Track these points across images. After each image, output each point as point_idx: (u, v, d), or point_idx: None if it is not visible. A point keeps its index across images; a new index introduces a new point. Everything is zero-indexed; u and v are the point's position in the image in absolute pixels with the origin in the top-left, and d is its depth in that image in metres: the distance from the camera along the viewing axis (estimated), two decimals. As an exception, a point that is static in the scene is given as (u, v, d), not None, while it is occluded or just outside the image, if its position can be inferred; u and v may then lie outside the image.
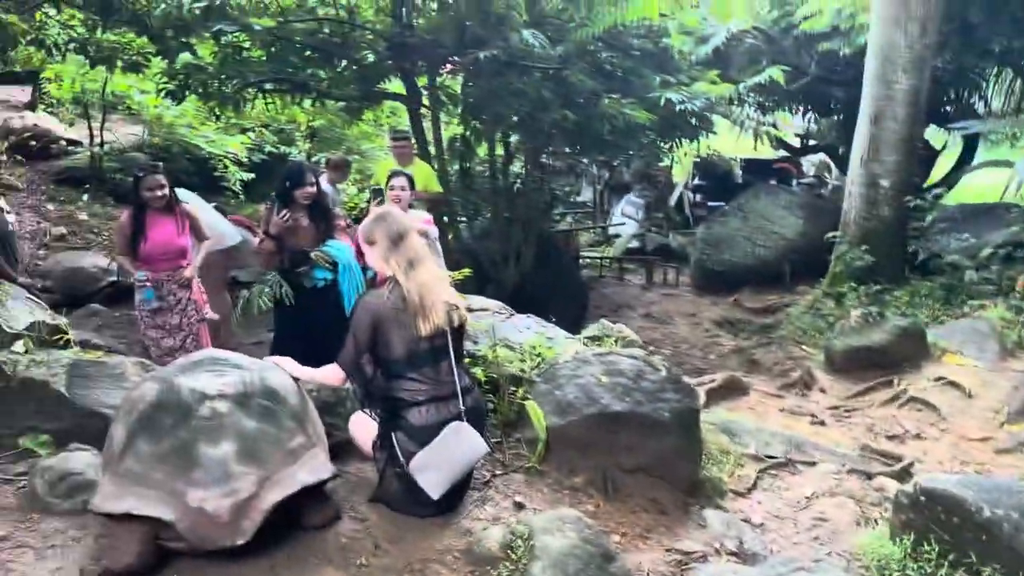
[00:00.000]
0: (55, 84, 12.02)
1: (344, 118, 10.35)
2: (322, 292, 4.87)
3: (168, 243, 4.95)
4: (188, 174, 11.99)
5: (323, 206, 5.16)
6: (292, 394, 3.11)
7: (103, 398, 3.81)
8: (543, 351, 4.07)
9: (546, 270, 9.51)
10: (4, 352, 3.77)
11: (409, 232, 3.23)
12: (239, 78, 8.56)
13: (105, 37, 8.62)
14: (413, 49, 8.45)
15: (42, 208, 10.73)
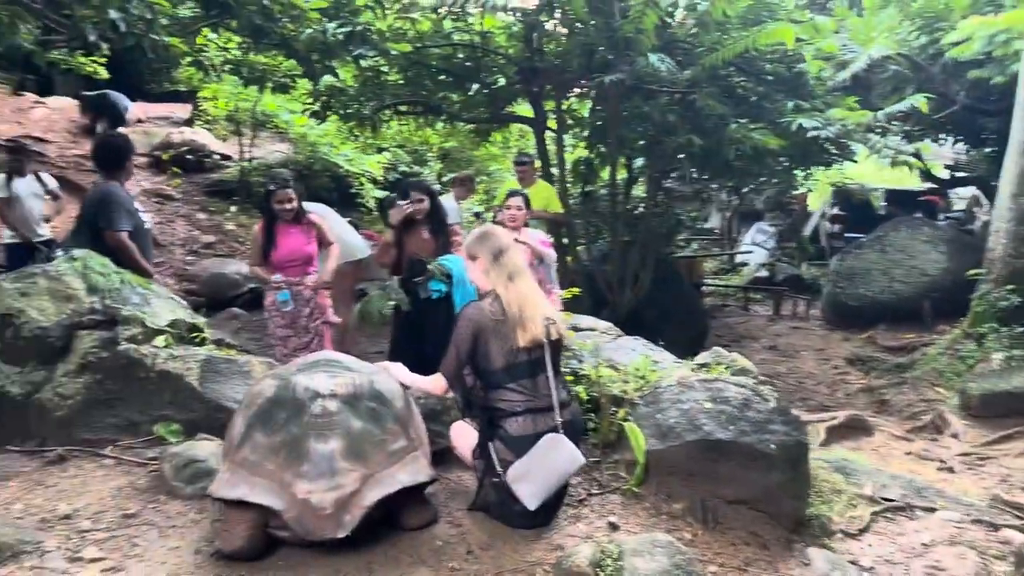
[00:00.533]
0: (212, 102, 12.99)
1: (473, 139, 10.64)
2: (436, 304, 5.02)
3: (296, 251, 5.27)
4: (327, 190, 12.67)
5: (442, 220, 5.37)
6: (398, 398, 3.23)
7: (231, 393, 4.09)
8: (647, 374, 4.04)
9: (664, 295, 9.39)
10: (146, 346, 4.11)
11: (509, 248, 3.33)
12: (377, 100, 8.99)
13: (257, 59, 9.28)
14: (541, 73, 8.61)
15: (194, 217, 11.59)
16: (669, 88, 7.88)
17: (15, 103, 13.64)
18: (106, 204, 4.80)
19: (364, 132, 10.37)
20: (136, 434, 3.96)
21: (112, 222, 4.78)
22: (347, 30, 7.39)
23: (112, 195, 4.85)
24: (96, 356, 3.99)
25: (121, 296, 4.27)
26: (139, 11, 6.53)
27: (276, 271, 5.29)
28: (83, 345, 4.01)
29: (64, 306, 4.12)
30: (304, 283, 5.33)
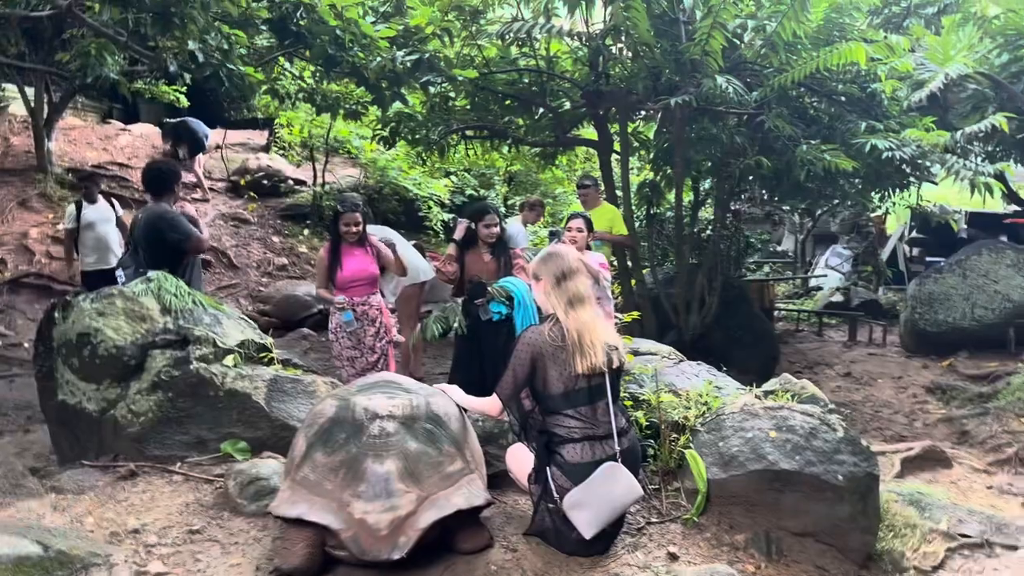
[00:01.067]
0: (287, 129, 13.41)
1: (539, 163, 10.69)
2: (497, 326, 5.05)
3: (361, 271, 5.37)
4: (396, 213, 12.92)
5: (505, 243, 5.42)
6: (454, 420, 3.24)
7: (296, 412, 4.18)
8: (710, 400, 3.96)
9: (733, 320, 9.20)
10: (216, 365, 4.24)
11: (575, 272, 3.29)
12: (444, 125, 9.12)
13: (329, 88, 9.55)
14: (607, 96, 8.61)
15: (268, 240, 11.94)
16: (737, 109, 7.78)
17: (102, 131, 14.34)
18: (170, 222, 5.03)
19: (432, 157, 10.52)
20: (204, 451, 4.07)
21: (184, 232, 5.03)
22: (415, 58, 7.54)
23: (168, 210, 5.13)
24: (168, 374, 4.12)
25: (193, 316, 4.41)
26: (216, 42, 6.81)
27: (341, 292, 5.40)
28: (156, 364, 4.16)
29: (139, 326, 4.29)
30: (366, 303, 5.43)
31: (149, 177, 5.40)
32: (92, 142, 13.83)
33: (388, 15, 8.31)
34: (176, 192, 5.40)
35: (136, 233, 5.13)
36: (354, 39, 7.37)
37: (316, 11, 7.22)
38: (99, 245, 7.55)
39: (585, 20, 8.51)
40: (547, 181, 13.57)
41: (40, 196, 11.49)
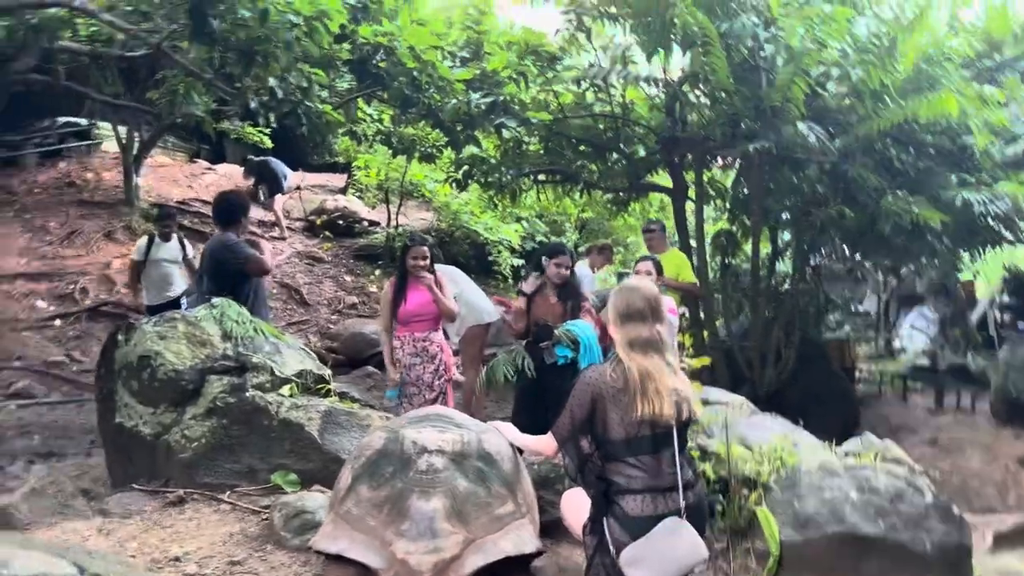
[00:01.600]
0: (364, 172, 13.66)
1: (611, 210, 10.55)
2: (562, 370, 4.90)
3: (424, 306, 5.29)
4: (466, 257, 12.93)
5: (573, 286, 5.30)
6: (507, 460, 3.07)
7: (349, 446, 4.06)
8: (785, 456, 3.68)
9: (810, 378, 8.78)
10: (272, 394, 4.18)
11: (643, 312, 3.06)
12: (516, 169, 9.10)
13: (406, 130, 9.68)
14: (683, 143, 8.46)
15: (341, 279, 12.07)
16: (819, 158, 7.50)
17: (188, 169, 14.90)
18: (230, 247, 5.10)
19: (503, 201, 10.52)
20: (255, 481, 3.99)
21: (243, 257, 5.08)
22: (490, 101, 7.57)
23: (232, 239, 5.18)
24: (224, 401, 4.08)
25: (253, 344, 4.38)
26: (297, 80, 6.96)
27: (403, 327, 5.33)
28: (213, 389, 4.12)
29: (199, 351, 4.28)
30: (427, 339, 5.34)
31: (217, 208, 5.51)
32: (178, 179, 14.36)
33: (466, 59, 8.40)
34: (242, 223, 5.45)
35: (202, 262, 5.22)
36: (431, 81, 7.44)
37: (395, 53, 7.34)
38: (161, 282, 7.51)
39: (663, 67, 8.43)
40: (619, 228, 13.41)
41: (125, 229, 11.93)
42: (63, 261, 10.97)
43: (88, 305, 10.06)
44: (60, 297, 10.21)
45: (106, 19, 7.46)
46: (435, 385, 5.32)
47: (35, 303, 9.97)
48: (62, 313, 9.81)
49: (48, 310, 9.88)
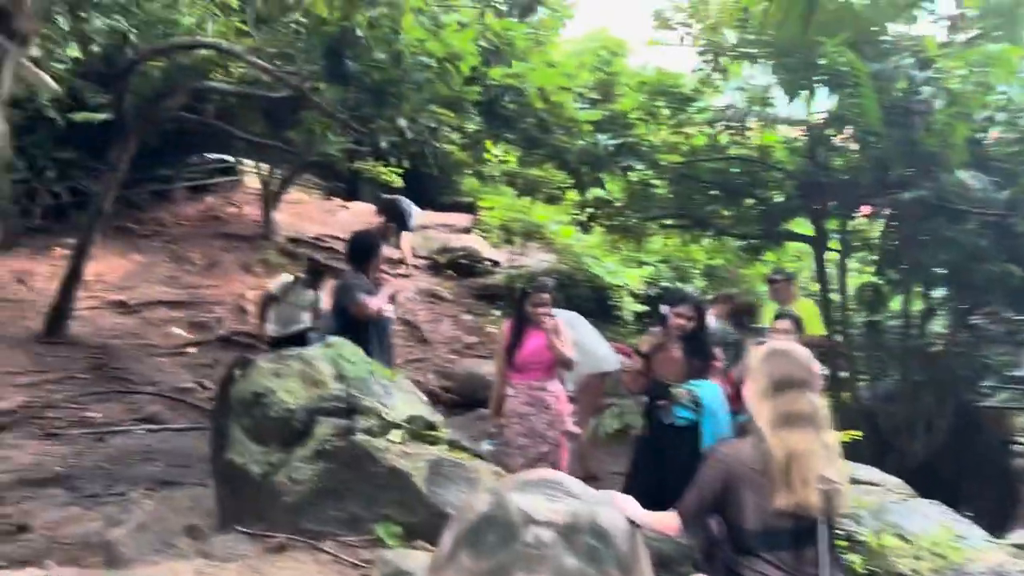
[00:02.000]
0: (488, 212, 13.70)
1: (743, 257, 10.04)
2: (681, 432, 4.55)
3: (542, 353, 5.05)
4: (586, 300, 12.61)
5: (701, 341, 4.90)
6: (624, 538, 2.75)
7: (455, 499, 3.85)
8: (947, 551, 3.17)
9: (965, 449, 7.91)
10: (381, 439, 4.03)
11: (799, 382, 2.62)
12: (643, 212, 8.81)
13: (531, 172, 9.60)
14: (825, 189, 7.92)
15: (460, 318, 12.05)
16: (981, 209, 6.82)
17: (324, 206, 15.43)
18: (347, 288, 5.16)
19: (628, 244, 10.21)
20: (357, 530, 3.83)
21: (351, 300, 5.08)
22: (618, 142, 7.35)
23: (351, 280, 5.24)
24: (332, 444, 3.97)
25: (365, 386, 4.27)
26: (426, 121, 6.99)
27: (518, 373, 5.11)
28: (322, 431, 4.02)
29: (311, 390, 4.20)
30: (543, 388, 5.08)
31: (348, 247, 5.59)
32: (313, 216, 14.89)
33: (595, 101, 8.25)
34: (372, 263, 5.46)
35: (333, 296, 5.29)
36: (558, 122, 7.32)
37: (524, 95, 7.27)
38: (288, 320, 7.61)
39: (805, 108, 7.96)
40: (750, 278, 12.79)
41: (261, 262, 12.39)
42: (202, 291, 11.49)
43: (221, 334, 10.44)
44: (196, 325, 10.65)
45: (251, 60, 7.77)
46: (549, 437, 5.05)
47: (172, 330, 10.44)
48: (196, 341, 10.22)
49: (184, 337, 10.31)
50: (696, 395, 4.55)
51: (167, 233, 12.99)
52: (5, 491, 5.39)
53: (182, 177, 14.26)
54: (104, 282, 11.26)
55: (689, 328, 4.87)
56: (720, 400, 4.64)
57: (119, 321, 10.36)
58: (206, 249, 12.52)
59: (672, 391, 4.71)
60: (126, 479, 5.80)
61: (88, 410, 7.81)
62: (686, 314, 4.98)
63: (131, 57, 8.56)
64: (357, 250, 5.50)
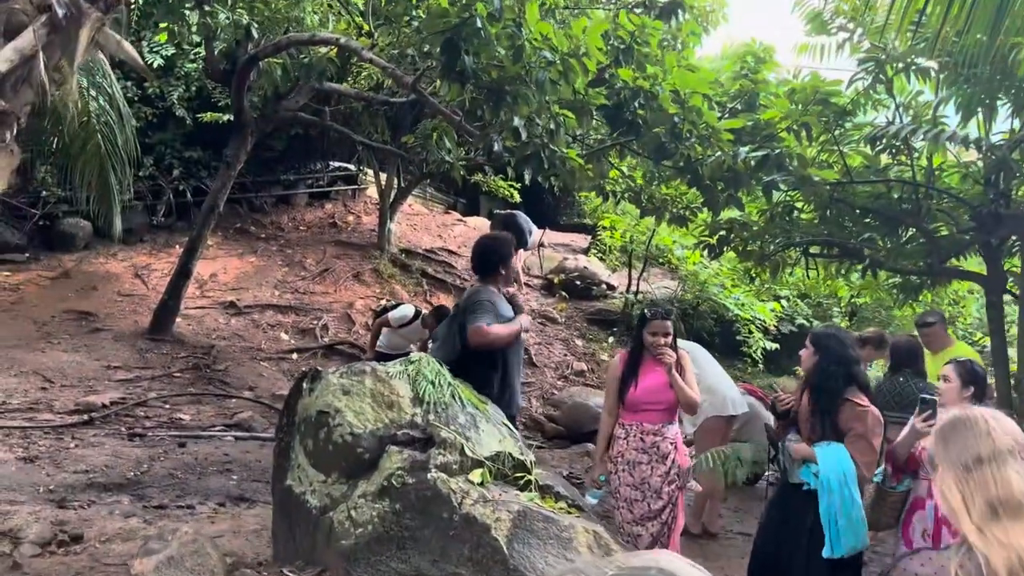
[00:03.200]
0: (608, 232, 12.93)
1: (896, 296, 8.83)
2: (807, 498, 3.71)
3: (659, 392, 4.25)
4: (710, 334, 11.68)
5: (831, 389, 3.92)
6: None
7: (540, 563, 3.14)
8: None
9: None
10: (459, 478, 3.36)
11: (1000, 455, 1.84)
12: (784, 238, 7.83)
13: (658, 189, 8.78)
14: (1006, 221, 6.73)
15: (571, 342, 11.31)
16: None
17: (441, 219, 15.09)
18: (473, 302, 4.30)
19: (762, 274, 9.19)
20: (422, 589, 3.16)
21: (471, 317, 4.22)
22: (761, 154, 6.46)
23: (480, 294, 4.35)
24: (401, 480, 3.32)
25: (447, 413, 3.62)
26: (544, 123, 6.35)
27: (631, 412, 4.33)
28: (391, 463, 3.38)
29: (384, 413, 3.58)
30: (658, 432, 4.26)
31: (474, 255, 4.63)
32: (430, 228, 14.58)
33: (736, 112, 7.38)
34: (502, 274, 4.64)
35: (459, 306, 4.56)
36: (693, 130, 6.51)
37: (656, 99, 6.51)
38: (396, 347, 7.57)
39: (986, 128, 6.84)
40: (902, 319, 11.43)
41: (373, 271, 12.11)
42: (312, 297, 11.29)
43: (325, 342, 10.15)
44: (302, 331, 10.41)
45: (368, 57, 7.39)
46: (664, 492, 4.21)
47: (279, 335, 10.23)
48: (301, 348, 9.95)
49: (289, 343, 10.07)
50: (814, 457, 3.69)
51: (284, 237, 12.96)
52: (72, 494, 5.07)
53: (305, 183, 14.29)
54: (218, 282, 11.25)
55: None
56: (844, 472, 3.69)
57: (226, 322, 10.25)
58: (320, 255, 12.37)
59: (787, 446, 3.89)
60: (198, 491, 5.40)
61: (179, 411, 7.58)
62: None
63: (251, 53, 8.39)
64: (479, 258, 4.55)
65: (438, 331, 4.67)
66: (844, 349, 4.03)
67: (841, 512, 3.71)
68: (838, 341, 4.02)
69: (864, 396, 3.92)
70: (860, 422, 3.82)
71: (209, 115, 11.24)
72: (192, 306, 10.38)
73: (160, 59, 11.40)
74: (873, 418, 3.82)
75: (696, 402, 4.25)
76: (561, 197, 16.18)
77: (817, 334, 4.06)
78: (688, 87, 6.34)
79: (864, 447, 3.79)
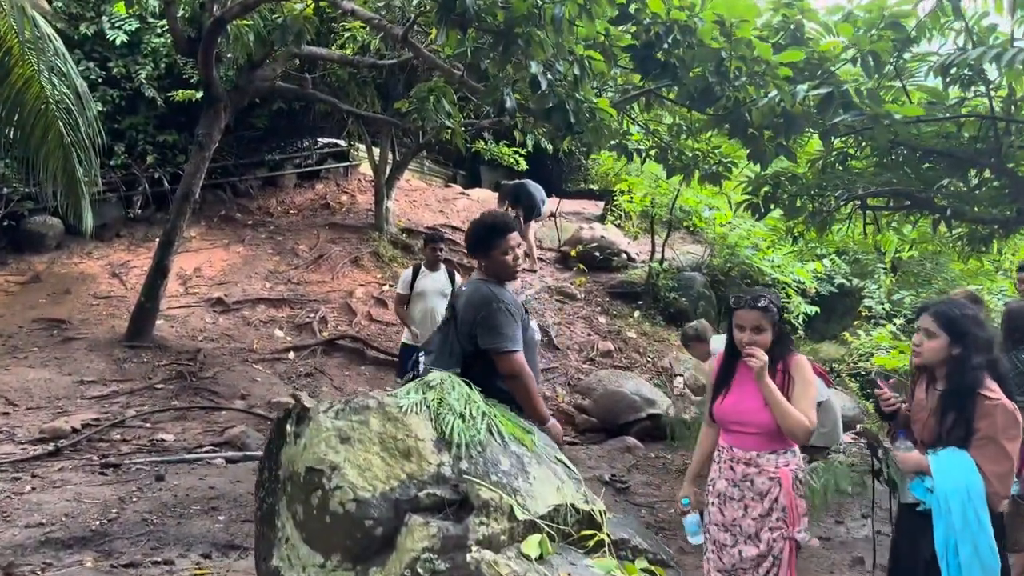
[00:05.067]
0: (626, 197, 11.89)
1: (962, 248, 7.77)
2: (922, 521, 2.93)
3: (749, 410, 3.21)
4: (744, 301, 10.71)
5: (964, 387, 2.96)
6: None
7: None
8: None
9: None
10: (509, 554, 2.39)
11: None
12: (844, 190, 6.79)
13: (688, 143, 7.74)
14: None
15: (594, 320, 10.33)
16: None
17: (442, 193, 14.04)
18: (487, 312, 3.26)
19: (810, 234, 8.17)
20: None
21: (498, 338, 3.22)
22: (824, 92, 5.39)
23: (493, 299, 3.30)
24: (429, 567, 2.34)
25: (485, 457, 2.63)
26: (566, 69, 5.29)
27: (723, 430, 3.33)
28: (413, 542, 2.40)
29: (399, 466, 2.58)
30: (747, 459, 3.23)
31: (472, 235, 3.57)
32: (431, 204, 13.53)
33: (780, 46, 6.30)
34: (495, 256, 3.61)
35: (457, 308, 3.49)
36: (742, 67, 5.46)
37: (695, 33, 5.43)
38: (425, 319, 6.60)
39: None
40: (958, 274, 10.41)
41: (372, 255, 11.11)
42: (307, 287, 10.29)
43: (325, 337, 9.16)
44: (298, 327, 9.43)
45: (348, 7, 6.32)
46: (763, 539, 3.18)
47: (273, 332, 9.25)
48: (298, 345, 8.97)
49: (284, 340, 9.09)
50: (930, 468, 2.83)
51: (274, 223, 11.92)
52: (22, 556, 4.13)
53: (292, 163, 13.22)
54: (203, 277, 10.25)
55: (937, 357, 3.02)
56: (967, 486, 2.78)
57: (214, 321, 9.26)
58: (313, 241, 11.34)
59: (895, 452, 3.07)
60: (177, 539, 4.44)
61: (161, 430, 6.63)
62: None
63: (216, 15, 7.31)
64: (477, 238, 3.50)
65: (431, 339, 3.66)
66: (987, 334, 3.09)
67: (963, 538, 2.84)
68: (979, 324, 3.06)
69: (995, 385, 2.97)
70: (988, 419, 2.87)
71: (181, 93, 10.15)
72: (175, 305, 9.40)
73: (123, 35, 10.27)
74: (1006, 413, 2.87)
75: (806, 427, 3.09)
76: (566, 162, 15.12)
77: (953, 318, 3.04)
78: (736, 15, 5.27)
79: (994, 453, 2.85)
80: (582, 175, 15.78)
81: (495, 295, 3.30)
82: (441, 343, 3.44)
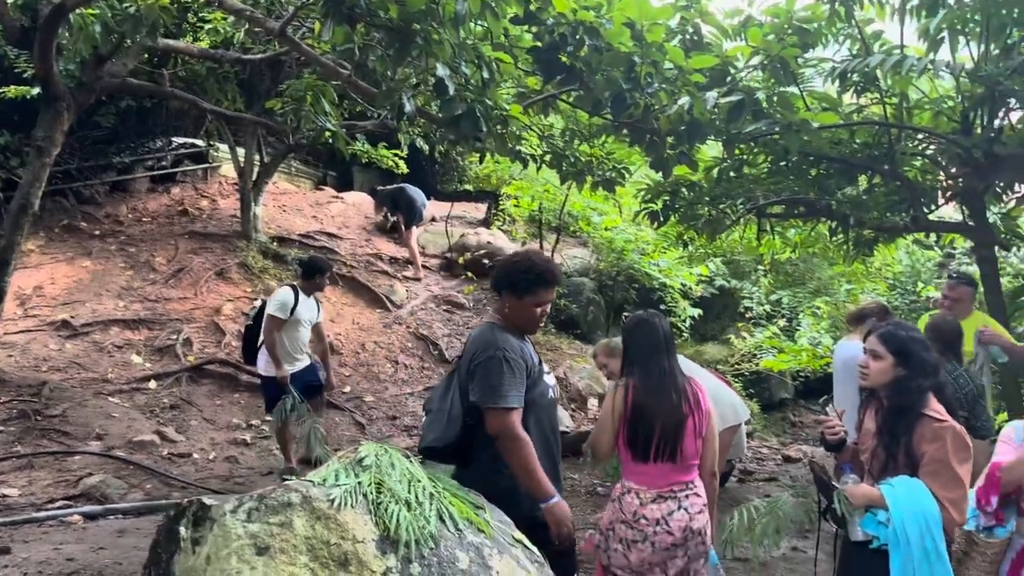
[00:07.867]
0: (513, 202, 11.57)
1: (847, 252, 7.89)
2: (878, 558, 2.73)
3: None
4: (630, 304, 10.63)
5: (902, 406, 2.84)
6: None
7: None
8: None
9: None
10: None
11: None
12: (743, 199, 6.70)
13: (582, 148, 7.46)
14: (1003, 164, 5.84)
15: (486, 332, 9.93)
16: None
17: (314, 197, 13.21)
18: (483, 359, 2.74)
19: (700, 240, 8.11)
20: None
21: (487, 391, 2.70)
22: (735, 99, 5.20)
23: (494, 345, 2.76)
24: None
25: (439, 555, 2.14)
26: (472, 71, 4.83)
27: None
28: None
29: (335, 578, 2.05)
30: None
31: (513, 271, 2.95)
32: (303, 209, 12.67)
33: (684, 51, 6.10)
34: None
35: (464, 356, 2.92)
36: (654, 72, 5.18)
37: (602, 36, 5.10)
38: (293, 346, 6.20)
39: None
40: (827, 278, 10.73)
41: (240, 266, 10.21)
42: (166, 304, 9.29)
43: (191, 363, 8.26)
44: (159, 351, 8.47)
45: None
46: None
47: (130, 358, 8.25)
48: (159, 372, 8.03)
49: (144, 368, 8.12)
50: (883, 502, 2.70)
51: (125, 233, 10.74)
52: None
53: (144, 165, 11.99)
54: (44, 296, 9.06)
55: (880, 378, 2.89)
56: (924, 516, 2.67)
57: (59, 348, 8.16)
58: (172, 252, 10.30)
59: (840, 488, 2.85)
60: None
61: (3, 484, 5.66)
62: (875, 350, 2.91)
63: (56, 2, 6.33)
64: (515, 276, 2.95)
65: (430, 398, 3.10)
66: (934, 359, 2.95)
67: (922, 570, 2.65)
68: (922, 345, 2.94)
69: (941, 408, 2.86)
70: (938, 442, 2.75)
71: (13, 90, 8.91)
72: (13, 331, 8.22)
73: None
74: (956, 436, 2.77)
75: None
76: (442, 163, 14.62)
77: (899, 339, 2.92)
78: (647, 18, 4.98)
79: (947, 478, 2.72)
80: (457, 176, 15.33)
81: (498, 341, 2.78)
82: (440, 399, 2.90)
